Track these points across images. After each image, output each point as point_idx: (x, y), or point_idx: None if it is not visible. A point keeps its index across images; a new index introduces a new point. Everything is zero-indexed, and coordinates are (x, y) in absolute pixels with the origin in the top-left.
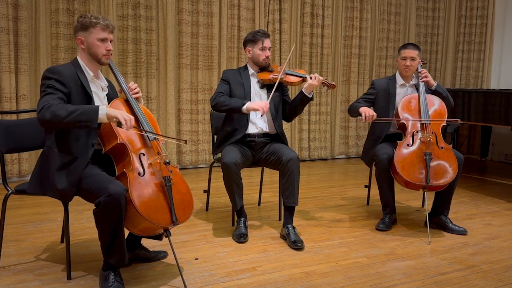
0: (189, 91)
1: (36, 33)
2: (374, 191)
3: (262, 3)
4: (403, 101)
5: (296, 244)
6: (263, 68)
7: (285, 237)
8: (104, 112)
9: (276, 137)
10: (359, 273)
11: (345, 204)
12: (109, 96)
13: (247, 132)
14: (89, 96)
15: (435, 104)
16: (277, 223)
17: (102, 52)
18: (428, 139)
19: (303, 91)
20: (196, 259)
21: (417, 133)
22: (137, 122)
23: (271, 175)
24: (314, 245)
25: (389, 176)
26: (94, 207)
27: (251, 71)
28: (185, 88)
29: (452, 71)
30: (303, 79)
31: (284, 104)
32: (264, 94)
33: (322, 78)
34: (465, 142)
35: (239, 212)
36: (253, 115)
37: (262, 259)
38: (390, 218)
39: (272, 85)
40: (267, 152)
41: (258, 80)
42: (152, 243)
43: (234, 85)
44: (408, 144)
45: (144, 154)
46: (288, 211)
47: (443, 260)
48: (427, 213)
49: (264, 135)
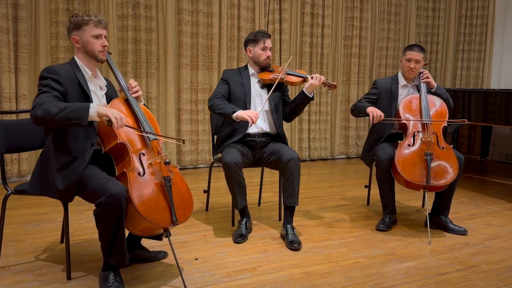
0: (189, 91)
1: (36, 33)
2: (374, 191)
3: (262, 3)
4: (404, 101)
5: (293, 245)
6: (263, 68)
7: (284, 237)
8: (95, 110)
9: (276, 137)
10: (359, 273)
11: (345, 204)
12: (108, 95)
13: (247, 131)
14: (87, 95)
15: (436, 104)
16: (277, 223)
17: (98, 49)
18: (429, 139)
19: (304, 91)
20: (196, 259)
21: (418, 133)
22: (137, 122)
23: (271, 175)
24: (314, 245)
25: (389, 176)
26: (95, 207)
27: (252, 71)
28: (185, 88)
29: (452, 71)
30: (304, 79)
31: (284, 104)
32: (265, 94)
33: (323, 79)
34: (465, 142)
35: (242, 212)
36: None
37: (262, 259)
38: (390, 218)
39: (273, 85)
40: (267, 152)
41: (259, 80)
42: (152, 243)
43: (234, 85)
44: (409, 144)
45: (144, 154)
46: (288, 211)
47: (443, 260)
48: (427, 213)
49: (264, 134)
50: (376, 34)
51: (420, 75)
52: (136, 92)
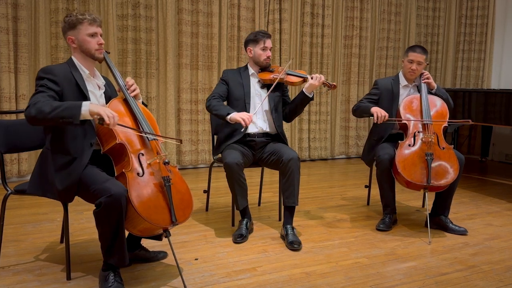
0: (189, 91)
1: (35, 33)
2: (375, 191)
3: (262, 2)
4: (405, 101)
5: (293, 245)
6: (264, 68)
7: (284, 237)
8: (87, 108)
9: (276, 137)
10: (360, 273)
11: (345, 204)
12: (107, 94)
13: (247, 131)
14: (84, 95)
15: (437, 105)
16: (277, 223)
17: (94, 47)
18: (430, 139)
19: (303, 91)
20: (196, 259)
21: (418, 133)
22: (135, 122)
23: (271, 175)
24: (314, 245)
25: (390, 176)
26: (95, 207)
27: (252, 71)
28: (185, 88)
29: (452, 71)
30: (304, 79)
31: (284, 105)
32: (265, 94)
33: (323, 79)
34: (465, 142)
35: (243, 212)
36: (255, 109)
37: (262, 259)
38: (390, 218)
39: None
40: (267, 152)
41: (259, 80)
42: (151, 244)
43: (234, 85)
44: (409, 144)
45: (143, 154)
46: (288, 211)
47: (443, 261)
48: (427, 213)
49: (264, 134)
50: (376, 34)
51: (421, 76)
52: (134, 90)
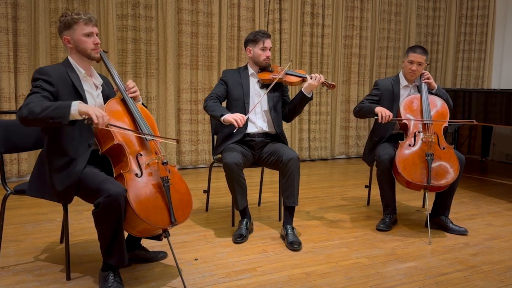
0: (188, 91)
1: (35, 32)
2: (375, 191)
3: (262, 2)
4: (405, 101)
5: (293, 245)
6: (263, 68)
7: (284, 237)
8: (76, 107)
9: (276, 137)
10: (360, 273)
11: (345, 204)
12: (105, 93)
13: (247, 131)
14: (80, 95)
15: (437, 105)
16: (277, 223)
17: (90, 47)
18: (430, 139)
19: (302, 90)
20: (196, 259)
21: (419, 133)
22: (133, 122)
23: (271, 175)
24: (314, 245)
25: (390, 176)
26: (94, 207)
27: (251, 71)
28: (184, 88)
29: (453, 71)
30: (303, 79)
31: (284, 105)
32: (265, 94)
33: (322, 79)
34: (465, 142)
35: (243, 212)
36: (252, 114)
37: (262, 259)
38: (390, 218)
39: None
40: (267, 152)
41: (258, 80)
42: (151, 244)
43: (233, 85)
44: (409, 144)
45: (141, 155)
46: (288, 211)
47: (443, 261)
48: (427, 213)
49: (263, 134)
50: (377, 34)
51: (421, 76)
52: (134, 92)
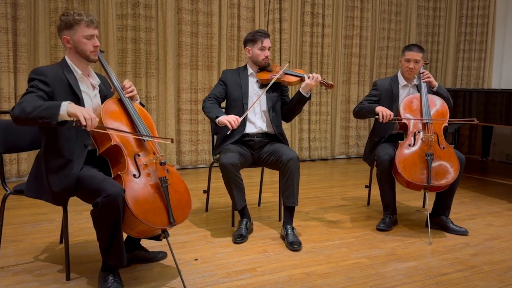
0: (188, 90)
1: (35, 32)
2: (375, 191)
3: (262, 2)
4: (405, 101)
5: (293, 246)
6: (262, 68)
7: (284, 237)
8: (65, 108)
9: (275, 137)
10: (360, 273)
11: (345, 204)
12: (102, 93)
13: (246, 131)
14: (77, 95)
15: (437, 104)
16: (277, 224)
17: (89, 49)
18: (430, 139)
19: (300, 90)
20: (195, 259)
21: (418, 133)
22: (131, 122)
23: (271, 175)
24: (314, 245)
25: (390, 176)
26: (92, 207)
27: (250, 70)
28: (184, 87)
29: (453, 71)
30: (301, 78)
31: (283, 104)
32: (263, 94)
33: (320, 78)
34: (466, 142)
35: (242, 212)
36: (251, 114)
37: (262, 259)
38: (390, 218)
39: (271, 84)
40: (266, 152)
41: (257, 80)
42: (151, 244)
43: (232, 85)
44: (409, 144)
45: (139, 155)
46: (288, 211)
47: (444, 261)
48: (428, 213)
49: (263, 134)
50: (377, 33)
51: (421, 75)
52: (131, 92)
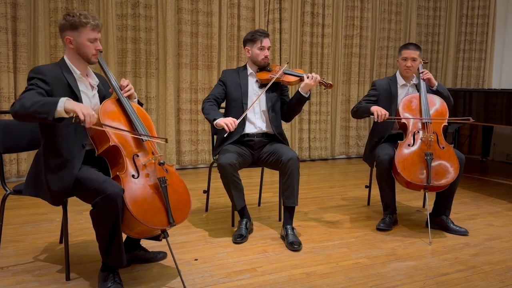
0: (188, 90)
1: (34, 32)
2: (375, 191)
3: (262, 2)
4: (404, 101)
5: (293, 246)
6: (262, 67)
7: (284, 237)
8: (62, 104)
9: (275, 137)
10: (360, 273)
11: (345, 204)
12: (100, 94)
13: (246, 132)
14: (76, 95)
15: (436, 104)
16: (277, 224)
17: (92, 52)
18: (429, 139)
19: (299, 90)
20: (195, 259)
21: (418, 133)
22: (129, 122)
23: (271, 175)
24: (315, 245)
25: (390, 176)
26: (91, 208)
27: (250, 70)
28: (184, 87)
29: (453, 71)
30: (301, 78)
31: (283, 104)
32: (263, 94)
33: (319, 78)
34: (466, 142)
35: (241, 212)
36: (251, 114)
37: (262, 259)
38: (390, 218)
39: (271, 84)
40: (266, 152)
41: (257, 80)
42: (151, 244)
43: (232, 85)
44: (409, 144)
45: (138, 156)
46: (288, 211)
47: (444, 261)
48: (428, 213)
49: (263, 135)
50: (377, 33)
51: (420, 74)
52: (128, 91)
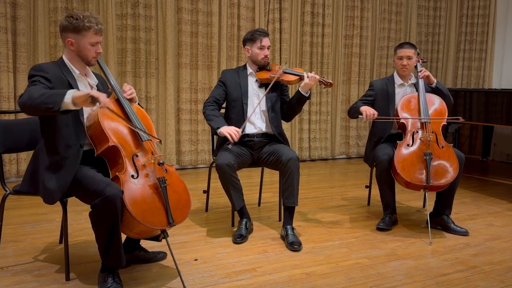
0: (188, 90)
1: (34, 32)
2: (375, 191)
3: (262, 2)
4: (403, 100)
5: (293, 246)
6: (262, 67)
7: (284, 237)
8: (70, 96)
9: (275, 137)
10: (360, 274)
11: (345, 204)
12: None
13: (246, 132)
14: None
15: (435, 103)
16: (277, 224)
17: (92, 55)
18: (428, 138)
19: (299, 90)
20: (195, 260)
21: (417, 132)
22: (128, 122)
23: (271, 175)
24: (315, 245)
25: (389, 177)
26: (90, 209)
27: (250, 70)
28: (184, 87)
29: (453, 71)
30: (300, 77)
31: (283, 104)
32: (262, 94)
33: (318, 77)
34: (466, 142)
35: (241, 212)
36: (250, 113)
37: (262, 260)
38: (390, 218)
39: (270, 84)
40: (266, 152)
41: (257, 80)
42: (151, 244)
43: (231, 85)
44: (408, 144)
45: (137, 156)
46: (288, 211)
47: (444, 261)
48: (428, 213)
49: (262, 135)
50: (377, 33)
51: (419, 73)
52: (130, 95)
